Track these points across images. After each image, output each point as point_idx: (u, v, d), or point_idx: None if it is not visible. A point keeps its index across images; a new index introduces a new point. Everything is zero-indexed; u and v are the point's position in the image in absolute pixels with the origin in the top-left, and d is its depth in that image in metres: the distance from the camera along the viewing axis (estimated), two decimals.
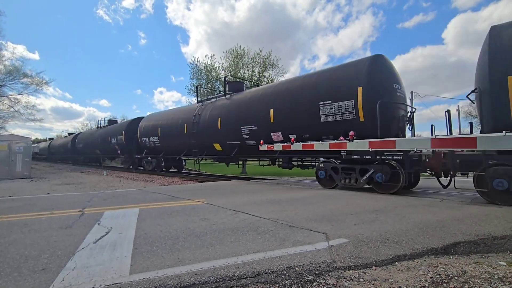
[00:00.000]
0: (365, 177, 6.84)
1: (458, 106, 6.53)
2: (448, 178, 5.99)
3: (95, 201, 5.57)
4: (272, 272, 2.19)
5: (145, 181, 12.89)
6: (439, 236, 3.08)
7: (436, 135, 5.45)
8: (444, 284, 2.01)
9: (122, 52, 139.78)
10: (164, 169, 16.79)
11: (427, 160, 6.29)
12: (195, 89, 16.40)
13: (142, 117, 18.35)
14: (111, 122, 24.31)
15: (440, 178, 6.42)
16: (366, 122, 6.96)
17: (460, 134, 5.14)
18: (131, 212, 4.48)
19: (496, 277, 2.11)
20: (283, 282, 2.04)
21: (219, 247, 2.74)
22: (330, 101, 7.59)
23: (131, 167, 19.34)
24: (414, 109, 8.05)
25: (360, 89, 6.96)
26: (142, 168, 18.07)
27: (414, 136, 7.52)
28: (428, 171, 6.43)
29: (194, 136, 12.73)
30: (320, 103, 7.80)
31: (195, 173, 17.68)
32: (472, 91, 5.85)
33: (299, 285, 2.01)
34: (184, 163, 17.93)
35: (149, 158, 16.87)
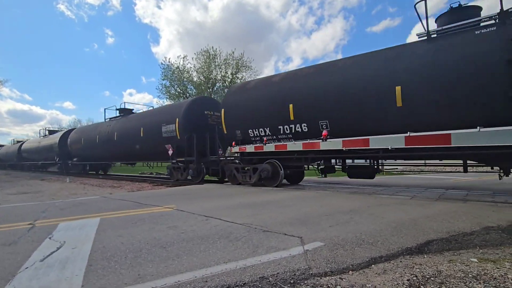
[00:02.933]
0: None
1: None
2: None
3: (51, 212, 5.05)
4: (244, 284, 2.00)
5: (112, 187, 12.15)
6: (413, 235, 3.07)
7: (409, 133, 5.55)
8: (422, 286, 1.94)
9: (87, 51, 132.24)
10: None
11: None
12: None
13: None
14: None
15: None
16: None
17: (434, 132, 5.25)
18: (90, 222, 4.07)
19: (470, 275, 2.09)
20: None
21: (186, 259, 2.50)
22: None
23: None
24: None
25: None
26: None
27: None
28: None
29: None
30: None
31: (165, 177, 17.00)
32: None
33: None
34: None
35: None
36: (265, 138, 8.32)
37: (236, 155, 9.64)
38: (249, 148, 8.74)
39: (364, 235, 3.06)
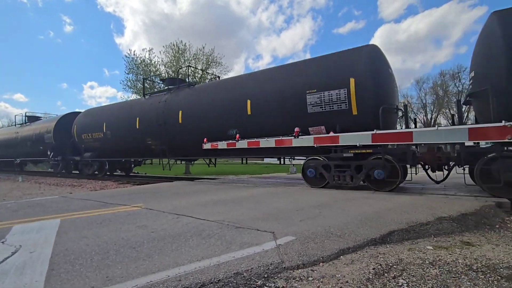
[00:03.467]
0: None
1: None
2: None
3: (2, 214, 4.61)
4: (218, 280, 2.00)
5: (72, 186, 11.40)
6: (376, 226, 3.27)
7: (376, 130, 5.87)
8: (385, 274, 2.09)
9: (42, 39, 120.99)
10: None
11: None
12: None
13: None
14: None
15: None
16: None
17: (398, 129, 5.63)
18: (49, 224, 3.79)
19: (427, 262, 2.29)
20: None
21: (158, 258, 2.43)
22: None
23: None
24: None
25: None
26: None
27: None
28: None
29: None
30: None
31: (133, 175, 16.34)
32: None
33: None
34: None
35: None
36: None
37: None
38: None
39: (333, 228, 3.21)
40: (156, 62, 24.43)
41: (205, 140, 9.12)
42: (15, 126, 20.64)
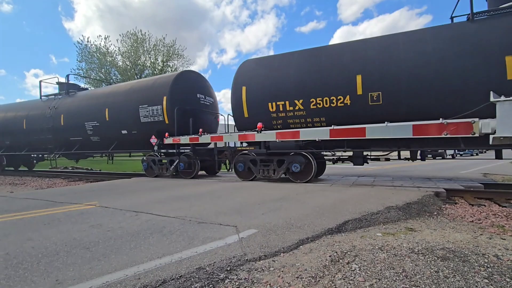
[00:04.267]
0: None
1: None
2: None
3: None
4: (180, 276, 1.98)
5: (13, 184, 10.29)
6: (333, 217, 3.48)
7: (333, 126, 6.17)
8: (341, 260, 2.24)
9: None
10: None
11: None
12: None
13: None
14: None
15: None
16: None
17: (353, 125, 5.96)
18: None
19: (377, 247, 2.50)
20: (192, 286, 1.87)
21: (115, 258, 2.33)
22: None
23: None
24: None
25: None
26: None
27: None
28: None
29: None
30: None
31: (86, 172, 15.26)
32: None
33: (210, 286, 1.88)
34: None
35: None
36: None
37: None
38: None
39: (293, 220, 3.34)
40: (113, 51, 22.86)
41: (166, 134, 8.82)
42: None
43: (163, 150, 9.19)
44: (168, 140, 8.80)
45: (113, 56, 22.84)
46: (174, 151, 8.99)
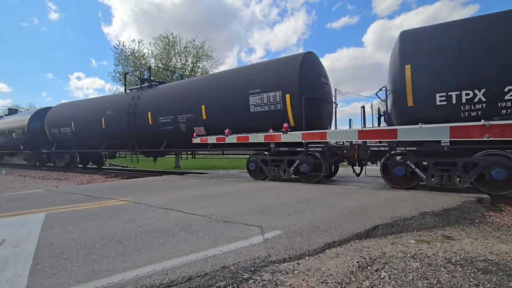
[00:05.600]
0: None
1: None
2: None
3: None
4: (206, 274, 2.02)
5: (58, 179, 11.16)
6: (361, 221, 3.35)
7: (362, 128, 5.98)
8: (369, 267, 2.15)
9: (25, 26, 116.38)
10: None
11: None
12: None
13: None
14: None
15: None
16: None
17: (383, 127, 5.75)
18: (33, 218, 3.72)
19: (409, 255, 2.37)
20: (217, 284, 1.90)
21: (145, 252, 2.43)
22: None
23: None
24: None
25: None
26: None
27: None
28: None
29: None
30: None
31: (121, 169, 16.18)
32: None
33: (234, 285, 1.89)
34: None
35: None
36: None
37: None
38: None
39: (319, 223, 3.26)
40: (146, 55, 23.95)
41: (194, 134, 9.06)
42: None
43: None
44: (196, 140, 8.98)
45: (146, 59, 23.94)
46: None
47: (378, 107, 7.30)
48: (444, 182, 5.49)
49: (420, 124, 5.34)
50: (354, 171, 7.36)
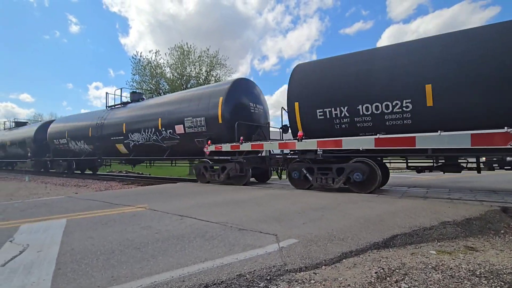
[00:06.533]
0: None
1: None
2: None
3: (10, 213, 4.70)
4: (222, 282, 2.02)
5: (78, 186, 11.52)
6: (379, 230, 3.27)
7: (378, 135, 5.88)
8: (388, 278, 2.10)
9: (47, 39, 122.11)
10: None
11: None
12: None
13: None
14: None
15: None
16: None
17: (401, 134, 5.63)
18: (56, 224, 3.85)
19: (430, 266, 2.29)
20: None
21: (162, 259, 2.47)
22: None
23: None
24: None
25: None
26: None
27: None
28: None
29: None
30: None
31: (137, 176, 16.52)
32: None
33: None
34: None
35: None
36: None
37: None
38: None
39: (335, 231, 3.22)
40: (162, 64, 24.63)
41: (209, 142, 9.18)
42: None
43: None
44: (211, 148, 9.13)
45: (162, 68, 24.62)
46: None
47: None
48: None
49: (439, 131, 5.21)
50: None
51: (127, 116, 12.55)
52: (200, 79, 24.21)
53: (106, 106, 14.46)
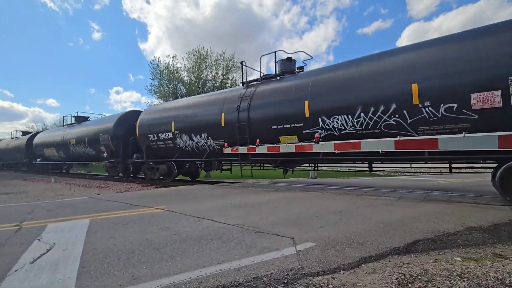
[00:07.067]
0: None
1: None
2: None
3: (37, 213, 4.93)
4: (239, 284, 2.03)
5: (100, 187, 11.92)
6: (400, 235, 3.17)
7: (398, 138, 5.73)
8: (409, 285, 2.03)
9: (71, 46, 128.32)
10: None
11: None
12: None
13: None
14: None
15: None
16: None
17: (423, 136, 5.47)
18: (79, 224, 4.01)
19: (455, 273, 2.19)
20: None
21: (180, 260, 2.51)
22: None
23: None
24: None
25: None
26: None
27: None
28: None
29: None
30: None
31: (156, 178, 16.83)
32: None
33: None
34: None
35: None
36: None
37: None
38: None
39: (354, 236, 3.15)
40: (179, 68, 25.16)
41: (225, 145, 9.26)
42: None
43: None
44: (227, 150, 9.17)
45: (179, 73, 25.16)
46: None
47: None
48: None
49: (464, 133, 5.00)
50: None
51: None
52: (217, 82, 24.53)
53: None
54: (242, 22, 70.00)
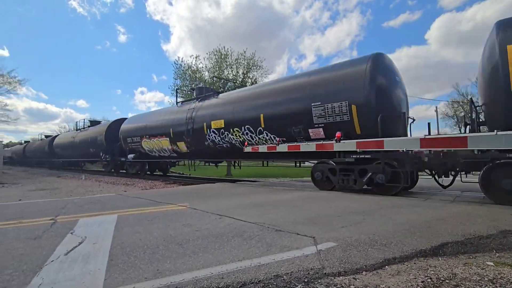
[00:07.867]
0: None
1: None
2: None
3: (70, 208, 5.24)
4: (259, 281, 2.05)
5: (126, 185, 12.44)
6: (427, 237, 3.05)
7: (425, 135, 5.50)
8: None
9: (99, 49, 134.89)
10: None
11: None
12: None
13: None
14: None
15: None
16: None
17: (450, 134, 5.23)
18: (108, 219, 4.22)
19: (486, 279, 2.08)
20: None
21: (202, 256, 2.58)
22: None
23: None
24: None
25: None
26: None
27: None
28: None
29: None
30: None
31: (178, 176, 17.36)
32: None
33: None
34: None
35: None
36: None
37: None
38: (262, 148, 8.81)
39: (377, 236, 3.07)
40: (201, 68, 25.62)
41: (245, 143, 9.32)
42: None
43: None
44: (247, 149, 9.21)
45: (201, 72, 25.64)
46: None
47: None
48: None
49: (496, 131, 4.70)
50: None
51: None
52: (237, 81, 24.70)
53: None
54: (262, 19, 69.86)
